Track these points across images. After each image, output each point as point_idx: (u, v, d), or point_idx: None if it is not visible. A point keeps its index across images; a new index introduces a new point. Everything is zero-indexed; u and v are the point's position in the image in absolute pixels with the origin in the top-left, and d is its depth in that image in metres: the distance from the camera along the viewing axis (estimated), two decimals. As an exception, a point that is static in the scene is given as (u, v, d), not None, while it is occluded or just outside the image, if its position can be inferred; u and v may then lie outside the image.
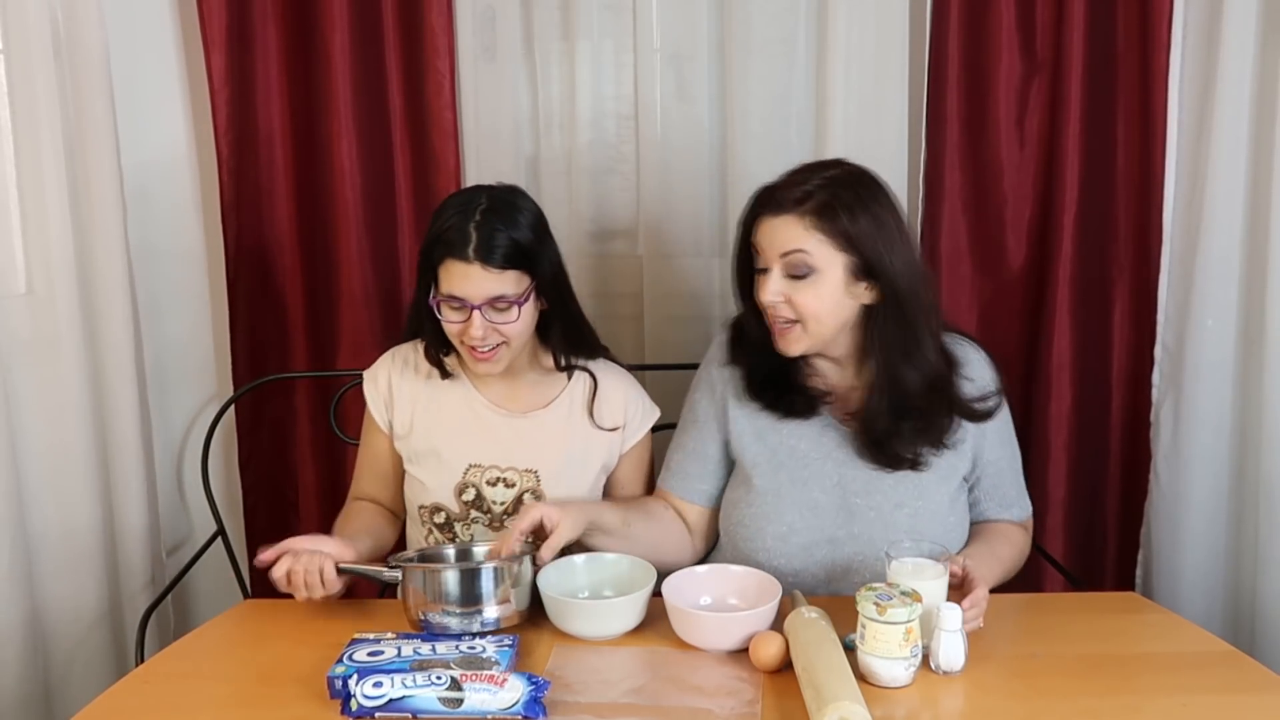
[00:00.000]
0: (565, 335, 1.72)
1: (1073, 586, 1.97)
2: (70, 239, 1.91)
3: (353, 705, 1.25)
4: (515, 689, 1.25)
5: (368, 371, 1.78)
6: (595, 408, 1.74)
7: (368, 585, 1.53)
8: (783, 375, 1.63)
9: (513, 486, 1.71)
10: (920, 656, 1.34)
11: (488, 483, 1.71)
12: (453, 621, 1.44)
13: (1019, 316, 2.13)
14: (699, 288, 2.18)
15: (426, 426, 1.72)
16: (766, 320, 1.57)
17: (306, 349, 2.18)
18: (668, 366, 2.10)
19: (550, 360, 1.76)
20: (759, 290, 1.55)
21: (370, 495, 1.78)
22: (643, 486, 1.79)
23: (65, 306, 1.92)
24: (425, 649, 1.35)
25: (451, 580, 1.45)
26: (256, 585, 2.18)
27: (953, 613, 1.35)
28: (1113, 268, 2.07)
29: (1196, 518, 2.01)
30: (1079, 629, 1.49)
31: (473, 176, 2.11)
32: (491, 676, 1.26)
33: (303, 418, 2.22)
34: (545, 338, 1.74)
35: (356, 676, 1.27)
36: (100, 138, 1.94)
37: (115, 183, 1.97)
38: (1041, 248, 2.08)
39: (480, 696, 1.24)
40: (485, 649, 1.35)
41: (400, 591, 1.48)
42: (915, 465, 1.58)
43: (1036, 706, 1.30)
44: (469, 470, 1.71)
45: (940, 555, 1.43)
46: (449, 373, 1.73)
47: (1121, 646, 1.46)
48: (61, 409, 1.94)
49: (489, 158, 2.12)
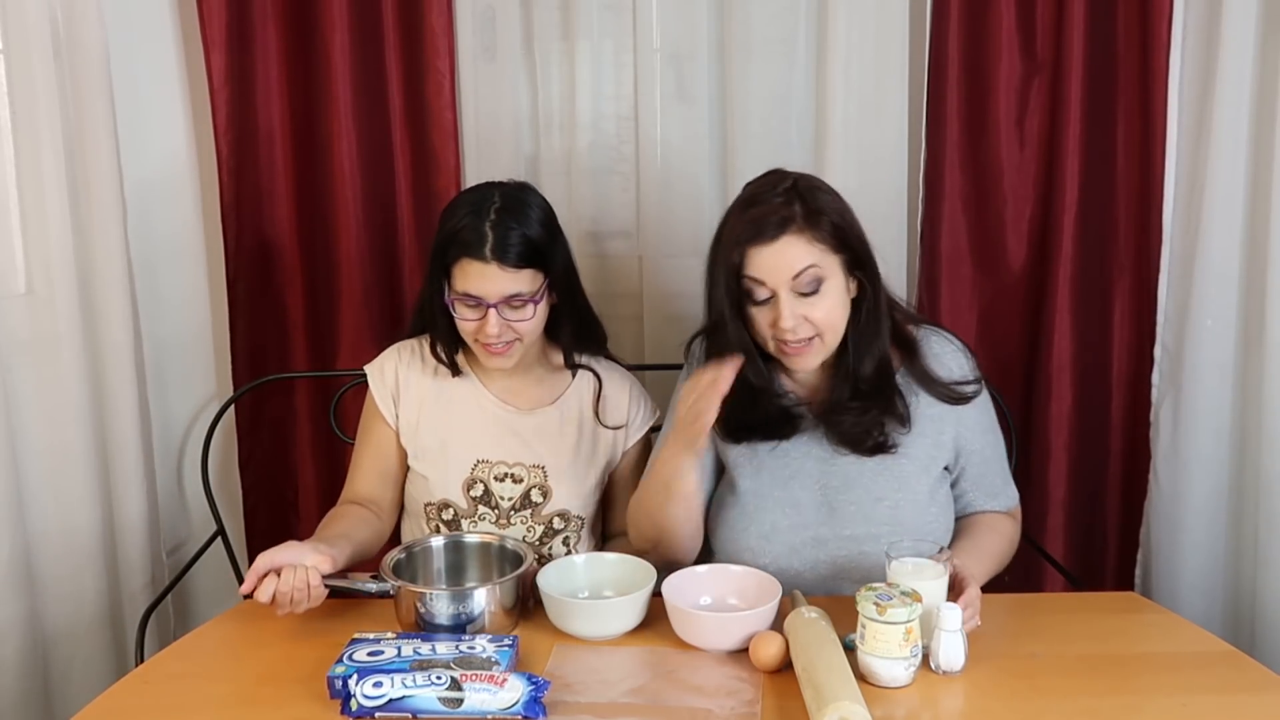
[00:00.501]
0: (574, 331, 1.74)
1: (1072, 586, 1.97)
2: (70, 239, 1.91)
3: (353, 705, 1.25)
4: (515, 689, 1.25)
5: (372, 365, 1.77)
6: (600, 406, 1.75)
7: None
8: (758, 401, 1.60)
9: (520, 482, 1.71)
10: (920, 656, 1.34)
11: (495, 478, 1.71)
12: (442, 630, 1.45)
13: (1019, 316, 2.13)
14: (699, 288, 2.16)
15: (434, 422, 1.72)
16: (769, 349, 1.56)
17: (306, 349, 2.18)
18: (668, 366, 2.10)
19: (557, 357, 1.77)
20: (765, 318, 1.52)
21: (366, 495, 1.74)
22: None
23: (65, 306, 1.92)
24: (425, 649, 1.34)
25: (440, 600, 1.46)
26: (256, 585, 2.18)
27: (952, 613, 1.35)
28: (1113, 268, 2.07)
29: (1196, 518, 2.01)
30: (1079, 629, 1.49)
31: (473, 176, 2.11)
32: (491, 676, 1.26)
33: (303, 418, 2.22)
34: (553, 334, 1.74)
35: (356, 676, 1.27)
36: (100, 138, 1.94)
37: (115, 183, 1.97)
38: (1041, 248, 2.08)
39: (480, 696, 1.24)
40: (485, 649, 1.35)
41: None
42: (886, 447, 1.57)
43: (1036, 706, 1.30)
44: (477, 466, 1.71)
45: (939, 555, 1.43)
46: (459, 369, 1.73)
47: (1121, 646, 1.46)
48: (61, 409, 1.94)
49: (489, 158, 2.12)
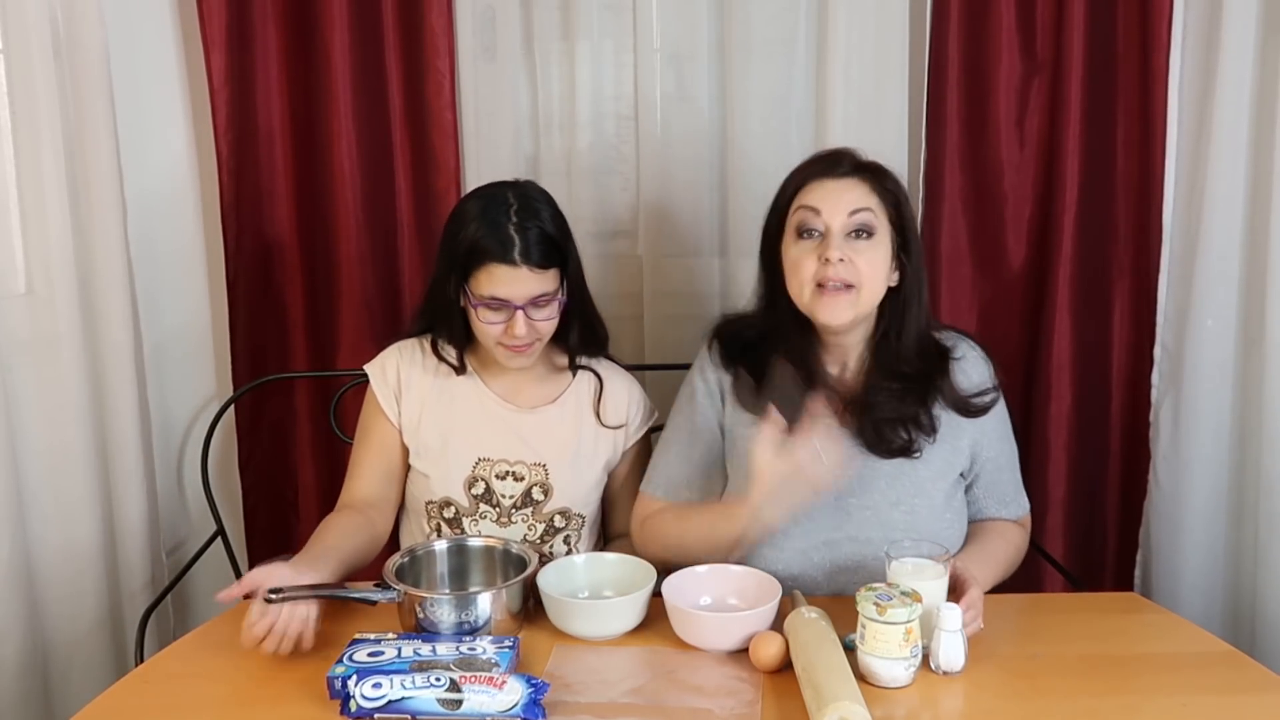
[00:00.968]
0: (581, 331, 1.74)
1: (1072, 586, 1.97)
2: (70, 239, 1.91)
3: (352, 706, 1.25)
4: (514, 691, 1.25)
5: (373, 364, 1.76)
6: (601, 406, 1.75)
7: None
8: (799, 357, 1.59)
9: (522, 480, 1.72)
10: (920, 656, 1.35)
11: (497, 476, 1.71)
12: (445, 630, 1.45)
13: (1019, 316, 2.13)
14: (699, 288, 2.18)
15: (436, 420, 1.72)
16: (804, 297, 1.53)
17: (306, 349, 2.18)
18: (668, 366, 2.10)
19: (559, 357, 1.77)
20: (810, 253, 1.51)
21: (365, 497, 1.72)
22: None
23: (65, 306, 1.92)
24: (425, 650, 1.34)
25: (445, 605, 1.46)
26: (256, 585, 2.18)
27: (952, 613, 1.35)
28: (1113, 268, 2.07)
29: (1196, 518, 2.01)
30: (1079, 629, 1.49)
31: (473, 176, 2.11)
32: (490, 678, 1.26)
33: (303, 418, 2.22)
34: (559, 334, 1.74)
35: (356, 677, 1.27)
36: (100, 138, 1.94)
37: (115, 183, 1.97)
38: (1041, 248, 2.08)
39: (479, 698, 1.24)
40: (485, 650, 1.35)
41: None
42: (909, 450, 1.56)
43: (1036, 706, 1.30)
44: (478, 464, 1.71)
45: (939, 555, 1.43)
46: (466, 368, 1.73)
47: (1121, 646, 1.46)
48: (61, 409, 1.94)
49: (489, 158, 2.12)
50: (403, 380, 1.74)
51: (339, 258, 2.14)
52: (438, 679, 1.26)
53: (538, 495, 1.72)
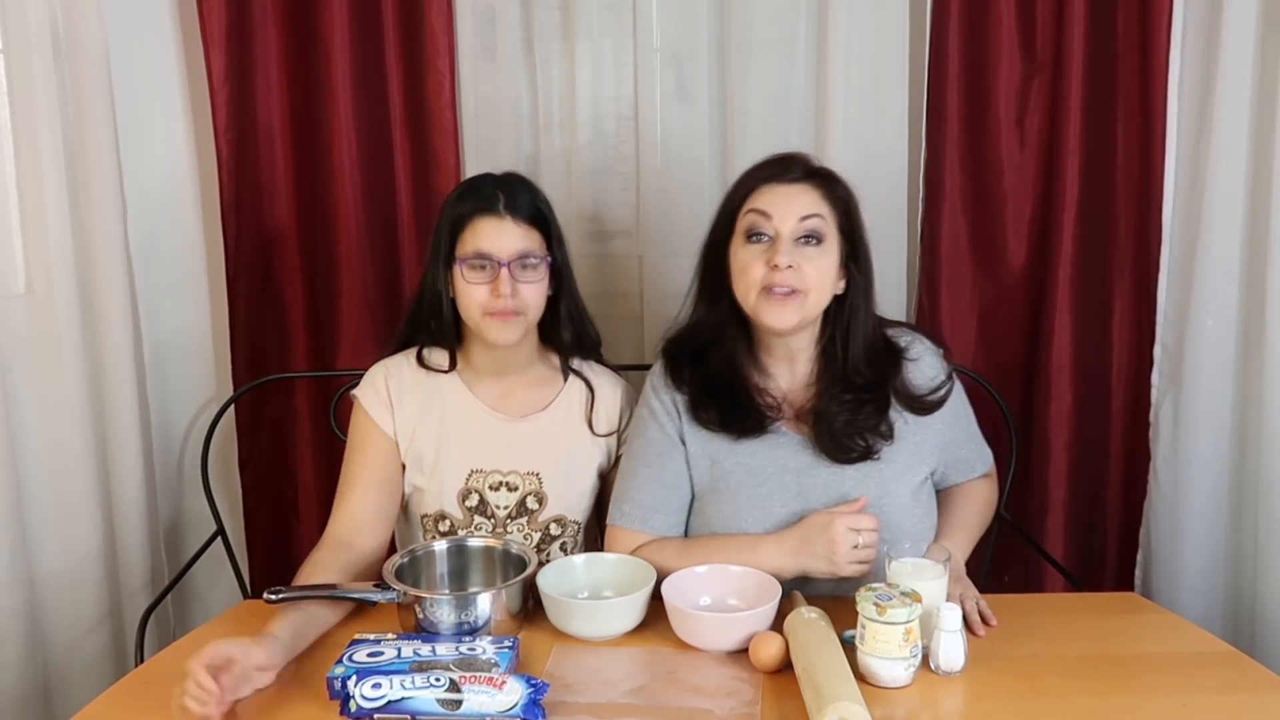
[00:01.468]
0: (573, 331, 1.74)
1: (1073, 586, 1.97)
2: (70, 239, 1.91)
3: (352, 706, 1.25)
4: (514, 691, 1.25)
5: (361, 386, 1.73)
6: (593, 415, 1.75)
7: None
8: (732, 387, 1.60)
9: (515, 490, 1.71)
10: (920, 657, 1.35)
11: (490, 487, 1.70)
12: (445, 631, 1.45)
13: (1019, 316, 2.13)
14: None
15: (428, 433, 1.71)
16: (750, 301, 1.53)
17: (306, 349, 2.18)
18: (668, 366, 2.10)
19: (551, 360, 1.77)
20: (758, 257, 1.51)
21: (359, 520, 1.64)
22: None
23: (65, 306, 1.92)
24: (425, 650, 1.34)
25: (445, 606, 1.46)
26: (256, 585, 2.18)
27: (952, 613, 1.35)
28: (1113, 268, 2.07)
29: (1196, 518, 2.01)
30: (1079, 629, 1.50)
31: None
32: (490, 678, 1.26)
33: (303, 418, 2.22)
34: (550, 337, 1.74)
35: (355, 677, 1.27)
36: (100, 137, 1.94)
37: (115, 183, 1.97)
38: (1041, 248, 2.08)
39: (479, 698, 1.24)
40: (485, 650, 1.35)
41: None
42: (868, 456, 1.56)
43: (1036, 706, 1.30)
44: (471, 476, 1.70)
45: (938, 555, 1.43)
46: (456, 364, 1.72)
47: (1121, 646, 1.46)
48: (61, 409, 1.94)
49: (489, 157, 2.12)
50: (393, 394, 1.71)
51: (339, 257, 2.14)
52: (437, 679, 1.26)
53: (532, 504, 1.71)
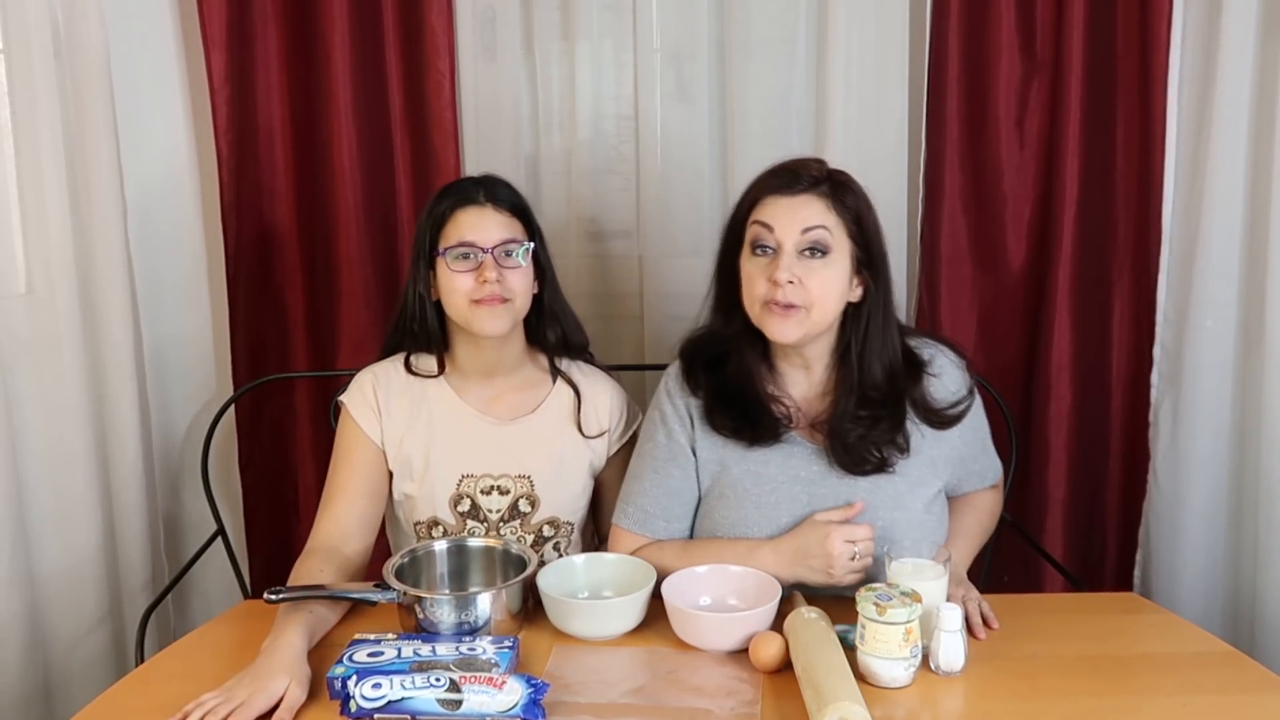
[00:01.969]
0: (558, 331, 1.73)
1: (1072, 586, 1.97)
2: (70, 239, 1.91)
3: (352, 706, 1.25)
4: (514, 691, 1.25)
5: (347, 393, 1.72)
6: (581, 417, 1.74)
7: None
8: (745, 395, 1.58)
9: (507, 493, 1.70)
10: (920, 657, 1.35)
11: (482, 491, 1.70)
12: (445, 631, 1.45)
13: (1019, 316, 2.13)
14: (699, 288, 2.15)
15: (417, 439, 1.70)
16: (754, 310, 1.53)
17: (306, 349, 2.18)
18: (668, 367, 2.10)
19: (537, 362, 1.76)
20: (762, 272, 1.50)
21: (344, 527, 1.64)
22: None
23: (65, 306, 1.92)
24: (425, 650, 1.34)
25: (445, 606, 1.46)
26: (256, 585, 2.18)
27: (953, 613, 1.35)
28: (1113, 268, 2.07)
29: (1195, 518, 2.01)
30: (1079, 629, 1.50)
31: (472, 176, 2.11)
32: (490, 679, 1.26)
33: (303, 418, 2.22)
34: (534, 337, 1.74)
35: (356, 677, 1.27)
36: (100, 138, 1.94)
37: (115, 183, 1.97)
38: (1041, 248, 2.08)
39: (479, 698, 1.24)
40: (485, 650, 1.35)
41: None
42: (882, 468, 1.55)
43: (1036, 706, 1.30)
44: (462, 481, 1.70)
45: (938, 555, 1.43)
46: (442, 368, 1.72)
47: (1121, 646, 1.46)
48: (61, 409, 1.94)
49: (489, 158, 2.12)
50: (381, 400, 1.70)
51: (339, 257, 2.14)
52: (438, 679, 1.26)
53: (524, 507, 1.71)
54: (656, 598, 1.49)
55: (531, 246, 1.66)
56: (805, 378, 1.61)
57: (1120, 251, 2.06)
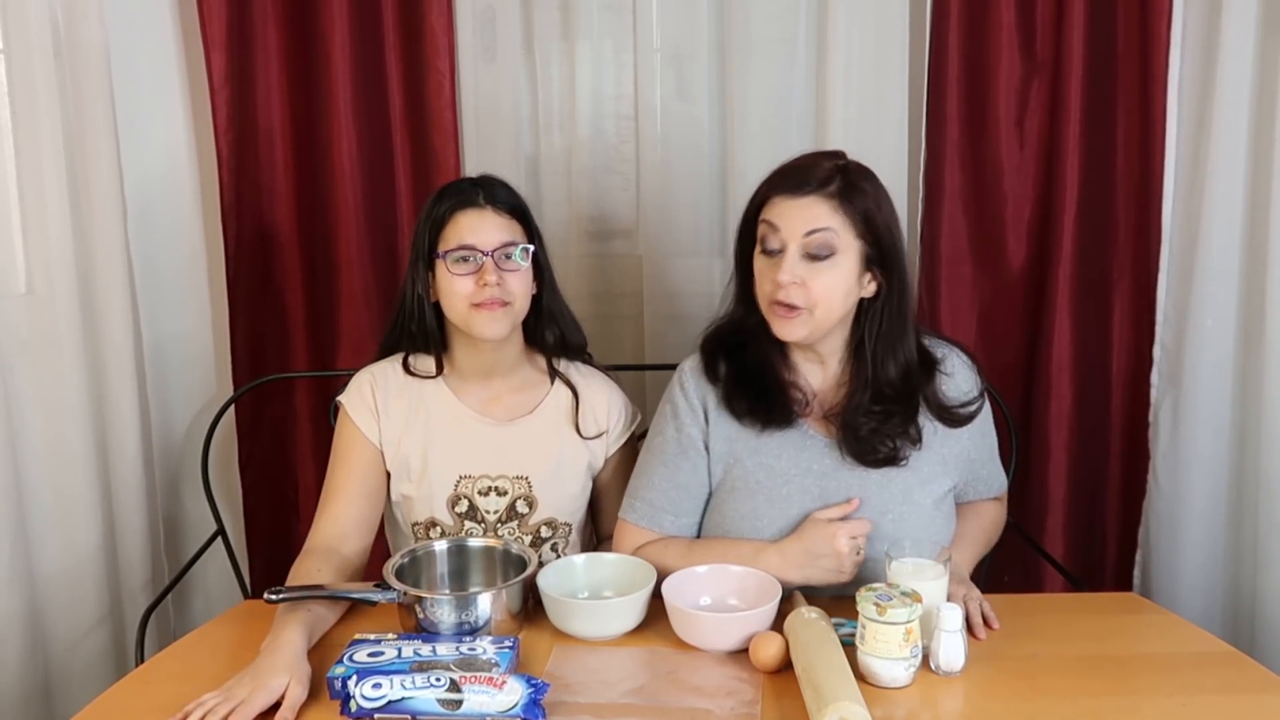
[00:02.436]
0: (557, 332, 1.73)
1: (1072, 586, 1.97)
2: (70, 239, 1.91)
3: (352, 706, 1.25)
4: (514, 691, 1.25)
5: (346, 393, 1.72)
6: (579, 418, 1.74)
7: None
8: (763, 380, 1.59)
9: (505, 494, 1.70)
10: (920, 657, 1.35)
11: (480, 492, 1.70)
12: (445, 631, 1.45)
13: (1019, 316, 2.13)
14: (699, 288, 2.18)
15: (415, 440, 1.70)
16: (763, 307, 1.54)
17: (306, 349, 2.19)
18: (668, 367, 2.07)
19: (535, 363, 1.76)
20: (768, 271, 1.51)
21: (342, 527, 1.64)
22: None
23: (65, 306, 1.92)
24: (425, 650, 1.34)
25: (445, 606, 1.46)
26: (256, 585, 2.18)
27: (953, 613, 1.35)
28: (1113, 268, 2.07)
29: (1195, 518, 2.01)
30: (1079, 629, 1.50)
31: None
32: (490, 678, 1.26)
33: (303, 418, 2.22)
34: (532, 337, 1.74)
35: (356, 677, 1.27)
36: (100, 138, 1.94)
37: (115, 183, 1.97)
38: (1041, 248, 2.09)
39: (479, 698, 1.24)
40: (485, 650, 1.35)
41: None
42: (894, 460, 1.55)
43: (1036, 706, 1.30)
44: (460, 482, 1.70)
45: (939, 555, 1.43)
46: (440, 369, 1.72)
47: (1121, 646, 1.46)
48: (61, 409, 1.94)
49: (489, 158, 2.12)
50: (379, 401, 1.70)
51: (339, 257, 2.14)
52: (438, 679, 1.26)
53: (522, 508, 1.71)
54: (656, 598, 1.49)
55: (531, 249, 1.66)
56: (820, 370, 1.61)
57: (1120, 251, 2.06)
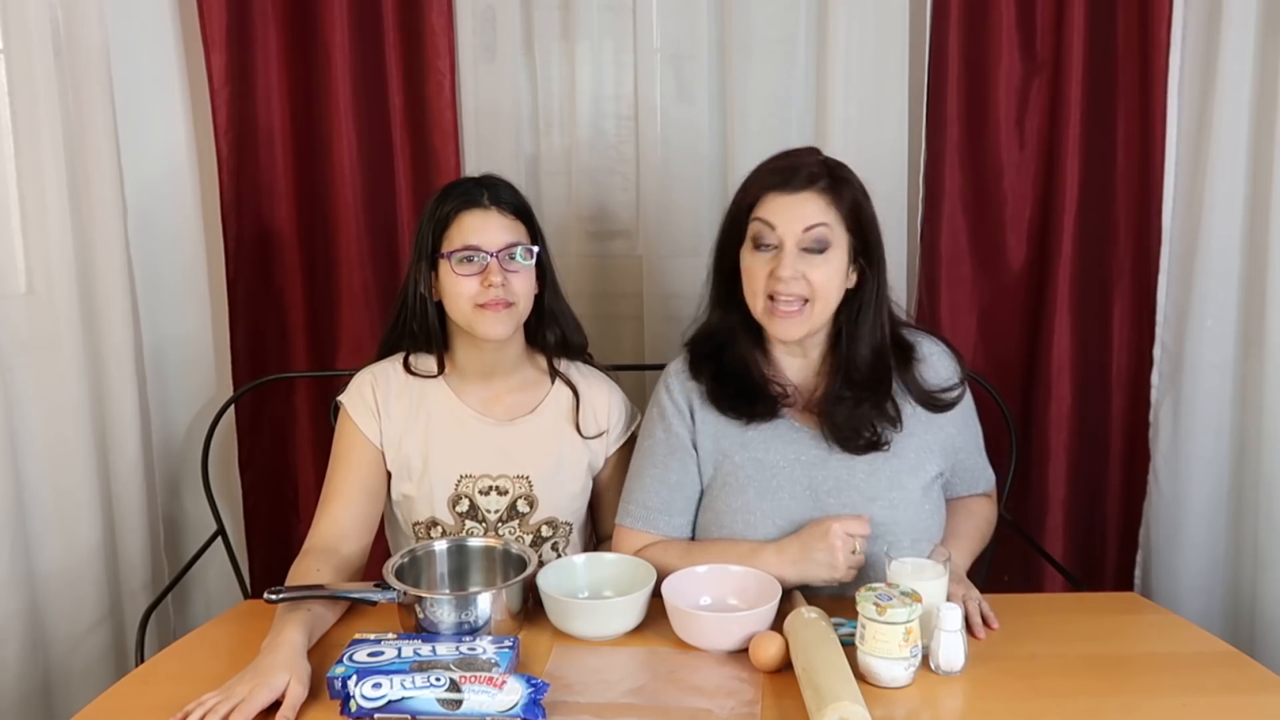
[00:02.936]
0: (558, 332, 1.74)
1: (1072, 586, 1.97)
2: (70, 239, 1.91)
3: (352, 706, 1.26)
4: (514, 691, 1.25)
5: (346, 393, 1.72)
6: (580, 418, 1.74)
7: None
8: (744, 379, 1.61)
9: (506, 494, 1.70)
10: (920, 657, 1.35)
11: (480, 492, 1.70)
12: (445, 630, 1.45)
13: (1019, 316, 2.13)
14: (699, 288, 2.17)
15: (415, 440, 1.70)
16: (757, 309, 1.55)
17: (306, 349, 2.19)
18: (667, 367, 2.10)
19: (536, 363, 1.76)
20: (762, 268, 1.52)
21: (342, 527, 1.64)
22: None
23: (65, 306, 1.92)
24: (425, 650, 1.34)
25: (445, 606, 1.46)
26: (256, 585, 2.18)
27: (952, 613, 1.35)
28: (1113, 268, 2.07)
29: (1196, 518, 2.01)
30: (1079, 629, 1.50)
31: (472, 176, 2.11)
32: (490, 678, 1.26)
33: (303, 418, 2.22)
34: (533, 337, 1.74)
35: (356, 677, 1.27)
36: (100, 138, 1.94)
37: (115, 183, 1.97)
38: (1041, 248, 2.08)
39: (479, 698, 1.24)
40: (485, 650, 1.35)
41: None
42: (878, 444, 1.56)
43: (1036, 706, 1.30)
44: (461, 481, 1.70)
45: (938, 554, 1.43)
46: (441, 368, 1.72)
47: (1121, 646, 1.46)
48: (61, 409, 1.94)
49: (489, 158, 2.12)
50: (380, 401, 1.70)
51: (339, 257, 2.14)
52: (438, 679, 1.26)
53: (523, 508, 1.71)
54: (656, 598, 1.49)
55: (535, 249, 1.66)
56: (801, 363, 1.63)
57: (1120, 251, 2.06)
